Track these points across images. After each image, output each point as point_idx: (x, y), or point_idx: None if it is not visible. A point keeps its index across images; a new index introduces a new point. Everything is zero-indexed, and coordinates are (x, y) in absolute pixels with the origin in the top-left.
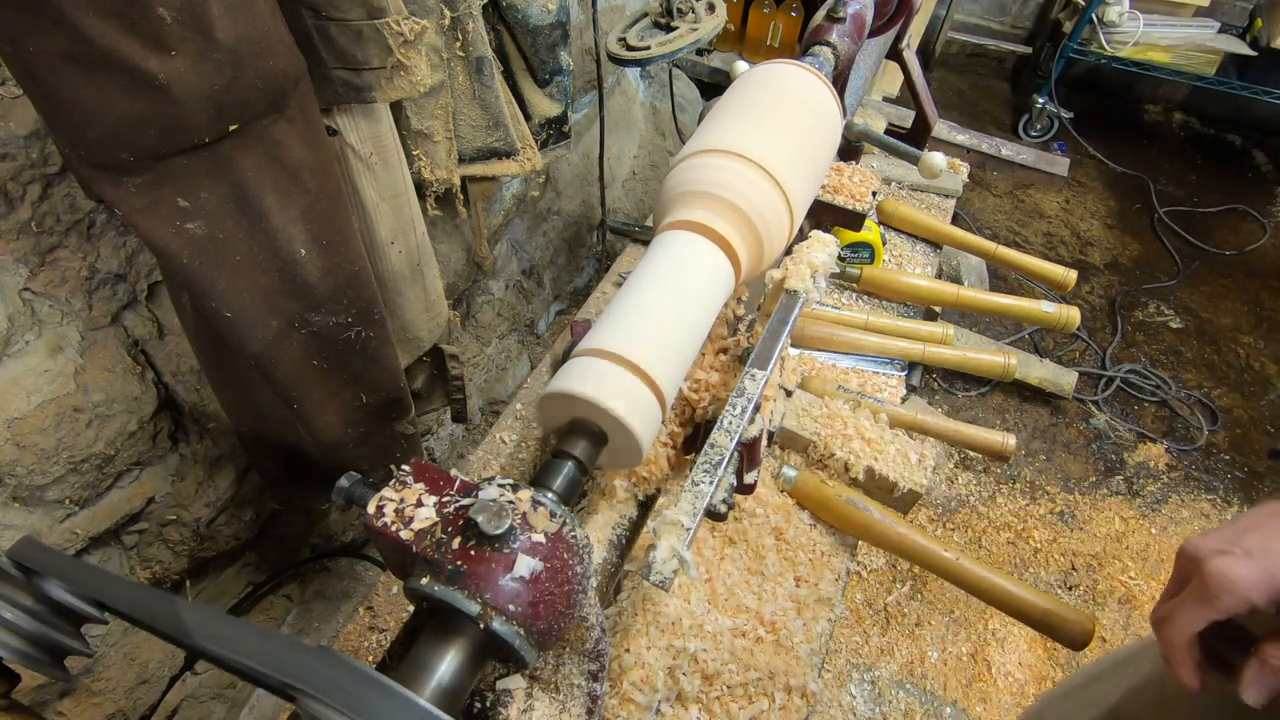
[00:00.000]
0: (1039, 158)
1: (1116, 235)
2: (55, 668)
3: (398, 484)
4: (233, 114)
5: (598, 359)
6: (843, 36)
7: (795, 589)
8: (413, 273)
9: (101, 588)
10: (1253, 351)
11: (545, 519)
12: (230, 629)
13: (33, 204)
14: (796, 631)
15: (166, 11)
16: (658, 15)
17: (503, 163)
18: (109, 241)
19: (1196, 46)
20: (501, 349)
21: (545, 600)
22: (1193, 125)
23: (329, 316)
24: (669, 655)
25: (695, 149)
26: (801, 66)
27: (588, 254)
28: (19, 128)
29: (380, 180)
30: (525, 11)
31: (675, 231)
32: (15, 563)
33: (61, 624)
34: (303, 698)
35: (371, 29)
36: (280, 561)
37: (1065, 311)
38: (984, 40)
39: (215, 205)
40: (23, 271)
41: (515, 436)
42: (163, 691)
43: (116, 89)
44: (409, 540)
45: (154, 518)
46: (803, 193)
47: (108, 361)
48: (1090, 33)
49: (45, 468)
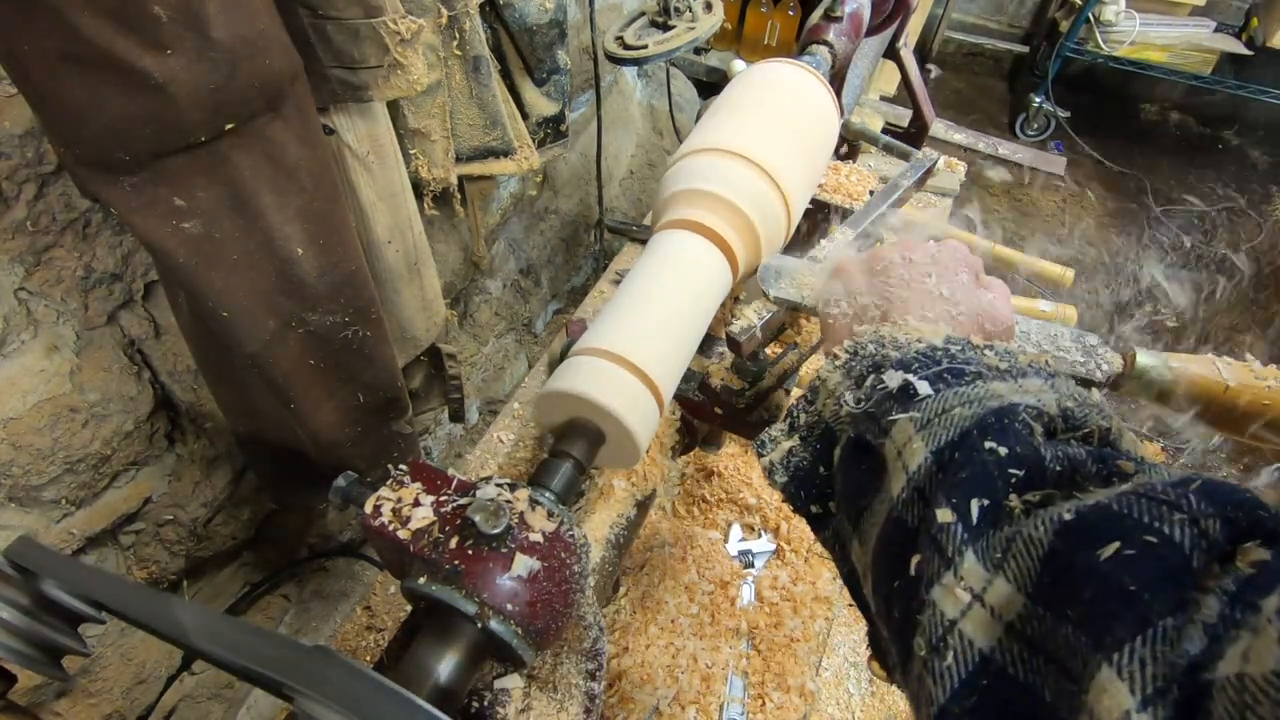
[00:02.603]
0: (1036, 156)
1: (1113, 234)
2: (52, 667)
3: (395, 483)
4: (229, 113)
5: (595, 358)
6: (840, 35)
7: (793, 587)
8: (410, 272)
9: (99, 587)
10: (1250, 351)
11: (543, 518)
12: (228, 629)
13: (28, 203)
14: (795, 630)
15: (162, 10)
16: (655, 14)
17: (500, 162)
18: (105, 241)
19: (1193, 46)
20: (499, 348)
21: (543, 599)
22: (1189, 124)
23: (326, 316)
24: (668, 654)
25: (693, 148)
26: (799, 65)
27: (585, 253)
28: (14, 126)
29: (377, 179)
30: (522, 10)
31: (672, 231)
32: (12, 562)
33: (58, 623)
34: (300, 697)
35: (368, 28)
36: (277, 561)
37: (1062, 310)
38: (981, 39)
39: (211, 204)
40: (18, 271)
41: (513, 436)
42: (160, 692)
43: (112, 88)
44: (406, 540)
45: (151, 518)
46: (800, 191)
47: (104, 361)
48: (1087, 32)
49: (41, 468)
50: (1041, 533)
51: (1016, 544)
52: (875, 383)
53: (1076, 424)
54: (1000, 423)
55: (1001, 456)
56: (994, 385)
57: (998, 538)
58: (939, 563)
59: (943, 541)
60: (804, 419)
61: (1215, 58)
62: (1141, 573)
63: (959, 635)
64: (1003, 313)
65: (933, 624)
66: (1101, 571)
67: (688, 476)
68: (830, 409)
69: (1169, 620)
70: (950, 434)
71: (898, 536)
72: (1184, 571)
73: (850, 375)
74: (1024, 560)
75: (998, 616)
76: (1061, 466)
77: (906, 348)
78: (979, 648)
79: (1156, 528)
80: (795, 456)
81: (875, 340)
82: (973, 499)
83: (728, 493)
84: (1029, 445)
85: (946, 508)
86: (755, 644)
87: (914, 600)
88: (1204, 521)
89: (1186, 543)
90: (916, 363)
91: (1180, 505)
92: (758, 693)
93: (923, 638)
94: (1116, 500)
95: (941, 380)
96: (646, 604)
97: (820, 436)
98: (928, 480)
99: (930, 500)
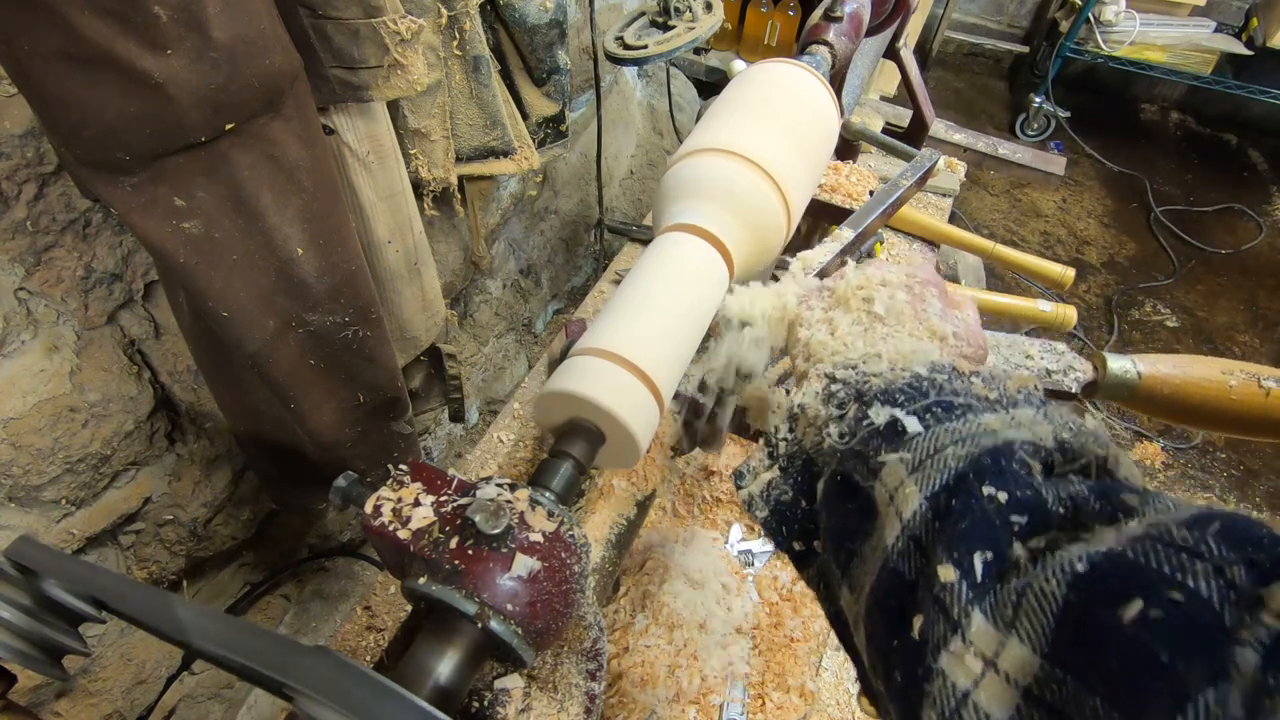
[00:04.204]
0: (1036, 157)
1: (1113, 234)
2: (53, 667)
3: (395, 483)
4: (229, 113)
5: (595, 358)
6: (840, 35)
7: (793, 587)
8: (410, 272)
9: (99, 586)
10: (1249, 350)
11: (543, 518)
12: (228, 628)
13: (28, 203)
14: (795, 630)
15: (162, 10)
16: (655, 14)
17: (500, 162)
18: (105, 241)
19: (1193, 46)
20: (499, 348)
21: (543, 600)
22: (1189, 124)
23: (326, 316)
24: (668, 654)
25: (692, 148)
26: (799, 66)
27: (585, 253)
28: (14, 126)
29: (377, 179)
30: (522, 10)
31: (672, 233)
32: (12, 562)
33: (59, 623)
34: (300, 697)
35: (368, 28)
36: (277, 561)
37: (1062, 310)
38: (981, 39)
39: (212, 204)
40: (18, 271)
41: (513, 436)
42: (160, 692)
43: (112, 88)
44: (406, 540)
45: (151, 518)
46: (800, 192)
47: (104, 361)
48: (1087, 32)
49: (41, 468)
50: (1054, 585)
51: (1028, 599)
52: (859, 415)
53: (1073, 455)
54: (997, 464)
55: (1002, 504)
56: (986, 419)
57: (1006, 592)
58: (945, 626)
59: (947, 602)
60: (783, 448)
61: (1215, 58)
62: (1174, 639)
63: (974, 709)
64: (978, 333)
65: (944, 696)
66: (1127, 635)
67: (688, 476)
68: (811, 438)
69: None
70: (944, 477)
71: (896, 590)
72: (1218, 631)
73: (831, 403)
74: (1038, 618)
75: (1014, 683)
76: (1064, 508)
77: (889, 376)
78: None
79: (1180, 581)
80: (776, 489)
81: (853, 365)
82: (975, 553)
83: (728, 493)
84: (1029, 488)
85: (949, 564)
86: (755, 644)
87: (919, 666)
88: (1229, 570)
89: (1215, 597)
90: (902, 395)
91: (1200, 553)
92: (758, 693)
93: (934, 711)
94: (1131, 548)
95: (930, 414)
96: (646, 604)
97: (801, 468)
98: (924, 529)
99: (929, 553)
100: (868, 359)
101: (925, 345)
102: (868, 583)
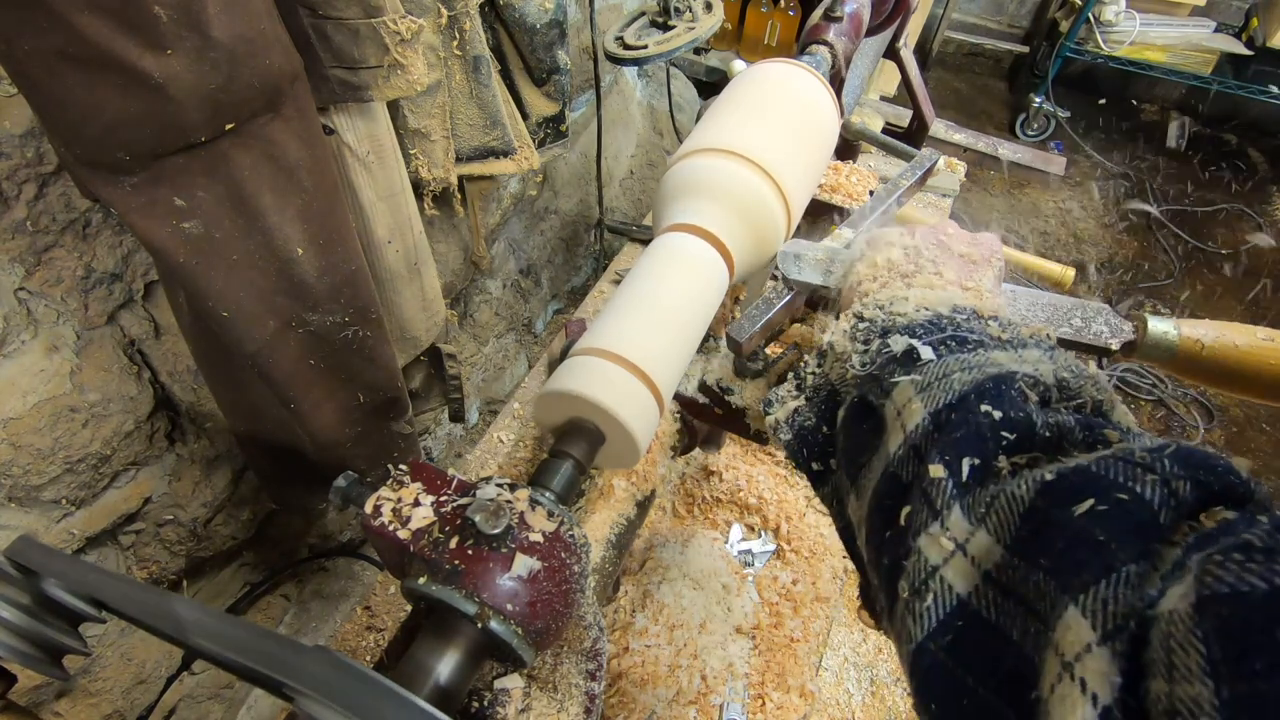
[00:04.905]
0: (1036, 157)
1: (1113, 234)
2: (53, 667)
3: (395, 483)
4: (229, 113)
5: (595, 358)
6: (840, 35)
7: (793, 587)
8: (410, 272)
9: (99, 586)
10: None
11: (543, 518)
12: (228, 628)
13: (28, 203)
14: (795, 630)
15: (162, 10)
16: (655, 14)
17: (500, 162)
18: (105, 241)
19: (1193, 46)
20: (499, 348)
21: (543, 600)
22: (1189, 124)
23: (326, 316)
24: (668, 654)
25: (692, 148)
26: (799, 66)
27: (585, 253)
28: (14, 126)
29: (377, 179)
30: (522, 10)
31: (672, 233)
32: (12, 562)
33: (59, 623)
34: (300, 697)
35: (368, 28)
36: (277, 561)
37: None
38: (981, 39)
39: (212, 204)
40: (18, 271)
41: (513, 436)
42: (160, 691)
43: (112, 88)
44: (406, 540)
45: (151, 518)
46: (799, 191)
47: (104, 361)
48: (1087, 32)
49: (41, 468)
50: (1024, 490)
51: (1000, 500)
52: (881, 346)
53: (1071, 394)
54: (997, 388)
55: (995, 419)
56: (995, 354)
57: (983, 494)
58: (927, 513)
59: (933, 495)
60: (811, 380)
61: (1215, 58)
62: (1111, 525)
63: (940, 580)
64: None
65: (916, 569)
66: (1075, 525)
67: (688, 476)
68: (837, 372)
69: (1132, 567)
70: (949, 396)
71: (892, 490)
72: (1151, 525)
73: (857, 339)
74: (1005, 515)
75: (977, 565)
76: (1050, 432)
77: (913, 315)
78: (957, 592)
79: (1129, 486)
80: (801, 416)
81: (882, 305)
82: (964, 457)
83: (728, 493)
84: (1022, 410)
85: (939, 464)
86: (755, 644)
87: (901, 547)
88: (1174, 483)
89: (1156, 500)
90: (922, 329)
91: (1154, 467)
92: (758, 693)
93: (906, 581)
94: (1096, 463)
95: (944, 346)
96: (646, 604)
97: (826, 398)
98: (924, 439)
99: (925, 457)
100: (895, 300)
101: (952, 291)
102: (870, 487)
